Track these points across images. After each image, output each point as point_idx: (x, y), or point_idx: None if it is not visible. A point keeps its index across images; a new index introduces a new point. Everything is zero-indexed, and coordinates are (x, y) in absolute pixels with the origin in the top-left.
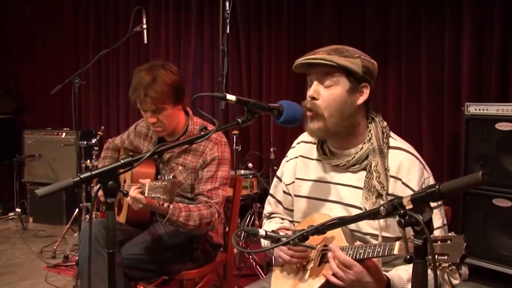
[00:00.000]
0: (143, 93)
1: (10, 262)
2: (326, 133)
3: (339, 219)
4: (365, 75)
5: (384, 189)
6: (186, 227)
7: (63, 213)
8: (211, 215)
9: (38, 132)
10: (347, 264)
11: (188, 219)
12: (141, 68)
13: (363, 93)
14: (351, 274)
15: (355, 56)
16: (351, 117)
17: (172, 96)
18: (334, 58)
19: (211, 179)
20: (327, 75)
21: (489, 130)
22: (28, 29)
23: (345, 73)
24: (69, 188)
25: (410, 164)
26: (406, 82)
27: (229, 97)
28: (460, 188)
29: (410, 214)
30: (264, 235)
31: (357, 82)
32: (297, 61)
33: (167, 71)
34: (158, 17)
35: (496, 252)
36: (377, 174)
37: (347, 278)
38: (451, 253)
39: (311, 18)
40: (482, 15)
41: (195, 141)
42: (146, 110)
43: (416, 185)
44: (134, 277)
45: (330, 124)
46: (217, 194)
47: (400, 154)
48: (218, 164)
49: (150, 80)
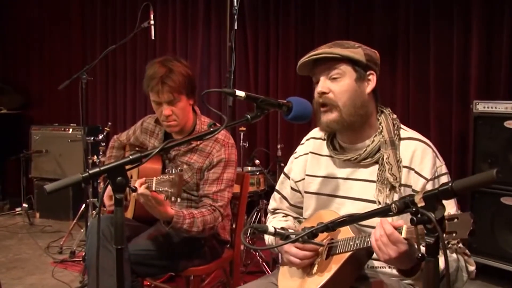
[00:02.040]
0: (160, 82)
1: (17, 257)
2: (342, 124)
3: (349, 217)
4: (369, 63)
5: (397, 181)
6: (189, 233)
7: (69, 209)
8: (214, 220)
9: (45, 128)
10: (393, 239)
11: (191, 226)
12: (155, 61)
13: (370, 81)
14: (393, 250)
15: (356, 46)
16: (364, 106)
17: (187, 87)
18: (336, 50)
19: (217, 181)
20: (332, 68)
21: (497, 128)
22: (36, 26)
23: (350, 64)
24: (78, 183)
25: (423, 153)
26: (414, 79)
27: (238, 93)
28: (473, 186)
29: (422, 212)
30: (273, 232)
31: (362, 70)
32: (300, 61)
33: (181, 64)
34: (165, 13)
35: (503, 250)
36: (389, 166)
37: (386, 251)
38: (459, 230)
39: (318, 14)
40: (491, 12)
41: (204, 137)
42: (161, 102)
43: (429, 173)
44: (141, 273)
45: (345, 114)
46: (222, 197)
47: (412, 143)
48: (225, 166)
49: (166, 71)
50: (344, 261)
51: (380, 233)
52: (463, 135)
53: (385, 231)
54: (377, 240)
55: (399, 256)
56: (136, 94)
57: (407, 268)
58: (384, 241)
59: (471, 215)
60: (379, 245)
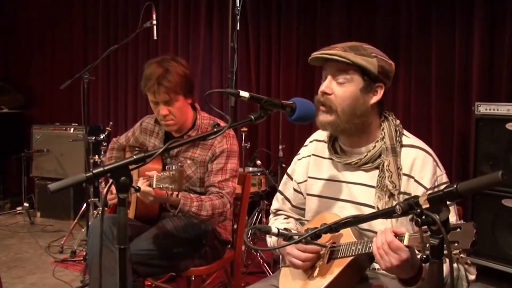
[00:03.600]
0: (156, 83)
1: (18, 256)
2: (336, 128)
3: (353, 217)
4: (380, 75)
5: (396, 189)
6: (199, 217)
7: (70, 208)
8: (223, 205)
9: (46, 127)
10: (393, 247)
11: (200, 209)
12: (152, 61)
13: (377, 92)
14: (394, 258)
15: (372, 56)
16: (362, 116)
17: (184, 87)
18: (350, 56)
19: (221, 171)
20: (341, 71)
21: (499, 130)
22: (38, 25)
23: (359, 72)
24: (81, 183)
25: (423, 161)
26: (416, 81)
27: (242, 94)
28: (478, 187)
29: (426, 214)
30: (276, 233)
31: (371, 81)
32: (313, 54)
33: (178, 64)
34: (167, 13)
35: (504, 252)
36: (389, 173)
37: (387, 259)
38: (461, 240)
39: (321, 14)
40: (493, 14)
41: (208, 138)
42: (158, 102)
43: (429, 182)
44: (142, 273)
45: (341, 120)
46: (227, 185)
47: (413, 151)
48: (228, 156)
49: (163, 71)
50: (346, 265)
51: (381, 241)
52: (464, 137)
53: (385, 239)
54: (378, 248)
55: (400, 264)
56: (137, 94)
57: (408, 277)
58: (385, 249)
59: (474, 226)
60: (381, 253)
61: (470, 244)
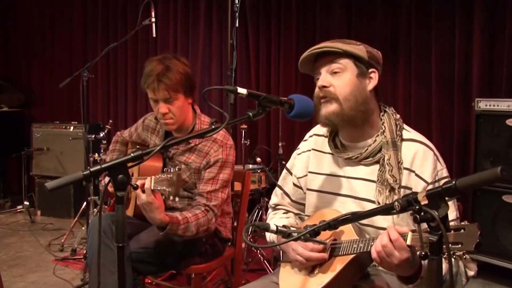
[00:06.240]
0: (157, 80)
1: (19, 254)
2: (341, 117)
3: (352, 214)
4: (371, 60)
5: (397, 183)
6: (182, 237)
7: (71, 207)
8: (208, 222)
9: (46, 126)
10: (398, 245)
11: (185, 231)
12: (153, 58)
13: (372, 78)
14: (395, 257)
15: (358, 44)
16: (365, 103)
17: (184, 86)
18: (338, 45)
19: (212, 180)
20: (333, 62)
21: (499, 126)
22: (37, 23)
23: (351, 59)
24: (79, 181)
25: (424, 155)
26: (416, 77)
27: (240, 91)
28: (477, 183)
29: (425, 210)
30: (275, 230)
31: (364, 67)
32: (302, 55)
33: (179, 62)
34: (166, 11)
35: (505, 248)
36: (390, 167)
37: (389, 259)
38: (465, 241)
39: (320, 12)
40: (494, 9)
41: (205, 135)
42: (158, 100)
43: (429, 176)
44: (142, 271)
45: (345, 107)
46: (216, 197)
47: (414, 145)
48: (221, 166)
49: (163, 68)
50: (347, 263)
51: (387, 239)
52: (464, 133)
53: (390, 237)
54: (384, 246)
55: (400, 264)
56: (137, 92)
57: (407, 275)
58: (389, 248)
59: (478, 227)
60: (383, 254)
61: (474, 245)
